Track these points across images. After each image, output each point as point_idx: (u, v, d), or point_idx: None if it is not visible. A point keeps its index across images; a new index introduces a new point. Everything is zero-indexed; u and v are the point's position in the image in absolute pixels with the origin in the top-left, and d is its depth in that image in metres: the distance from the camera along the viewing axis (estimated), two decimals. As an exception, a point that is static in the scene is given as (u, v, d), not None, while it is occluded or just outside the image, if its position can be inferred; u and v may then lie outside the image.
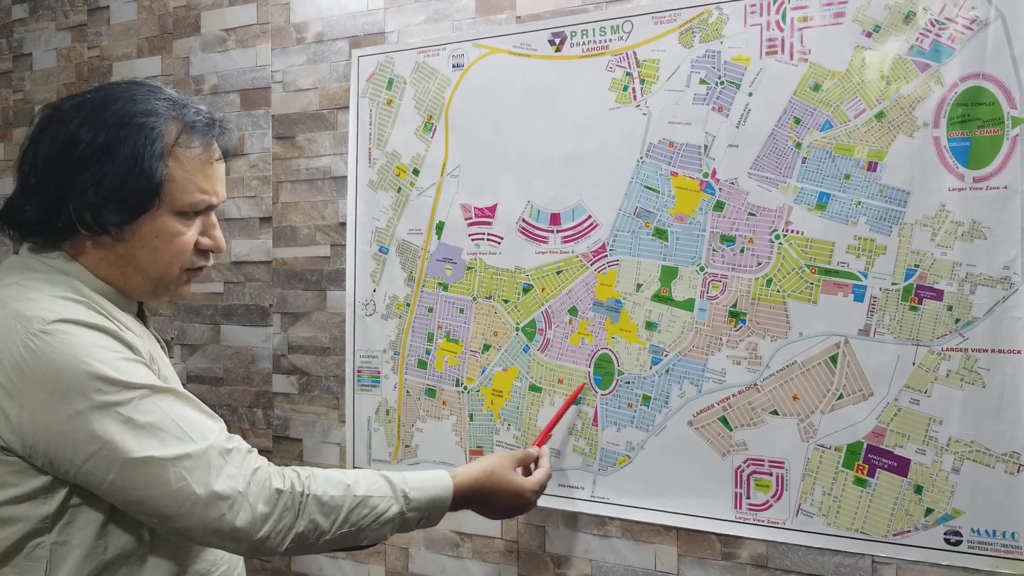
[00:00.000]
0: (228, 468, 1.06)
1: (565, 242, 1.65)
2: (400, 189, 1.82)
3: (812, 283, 1.44)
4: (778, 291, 1.47)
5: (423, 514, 1.23)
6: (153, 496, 1.03)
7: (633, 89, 1.58)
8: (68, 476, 1.04)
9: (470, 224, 1.75)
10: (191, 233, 1.18)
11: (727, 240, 1.51)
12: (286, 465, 1.96)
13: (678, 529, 1.57)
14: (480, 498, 1.33)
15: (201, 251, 1.22)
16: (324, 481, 1.14)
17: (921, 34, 1.36)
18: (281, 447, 2.00)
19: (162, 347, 1.31)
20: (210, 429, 1.09)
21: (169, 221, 1.15)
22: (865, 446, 1.41)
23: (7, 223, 1.15)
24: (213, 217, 1.23)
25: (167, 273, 1.19)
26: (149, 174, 1.11)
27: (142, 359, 1.10)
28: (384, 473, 1.22)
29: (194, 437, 1.06)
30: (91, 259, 1.16)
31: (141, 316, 1.28)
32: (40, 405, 1.01)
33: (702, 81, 1.52)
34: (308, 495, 1.11)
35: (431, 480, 1.26)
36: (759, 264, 1.48)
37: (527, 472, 1.46)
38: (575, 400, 1.63)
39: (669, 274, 1.55)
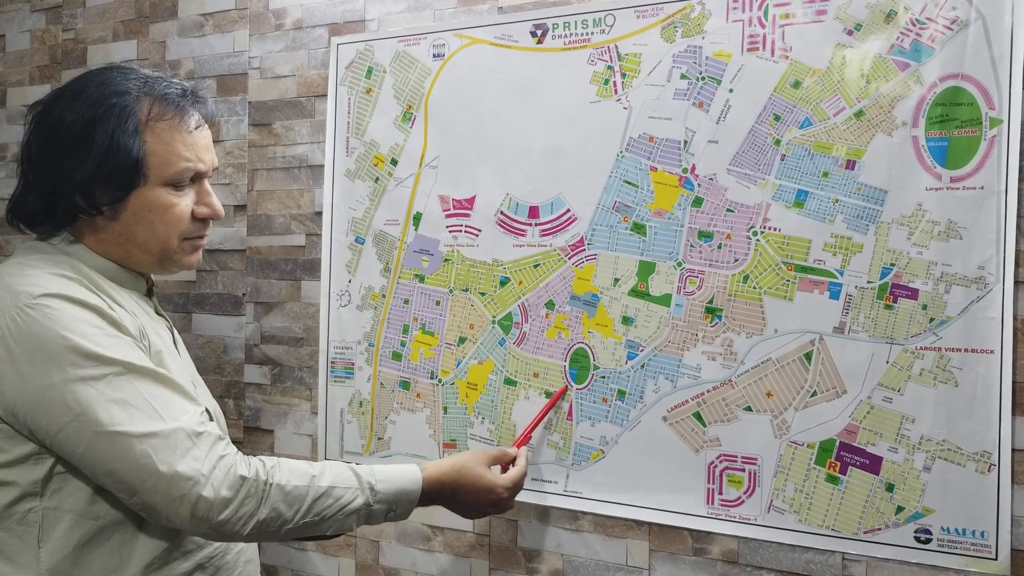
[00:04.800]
0: (195, 451, 1.09)
1: (543, 235, 1.64)
2: (378, 179, 1.81)
3: (788, 280, 1.45)
4: (754, 288, 1.47)
5: (390, 506, 1.25)
6: (120, 470, 1.06)
7: (614, 83, 1.58)
8: (46, 444, 1.09)
9: (448, 216, 1.73)
10: (184, 203, 1.23)
11: (705, 236, 1.50)
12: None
13: (650, 524, 1.57)
14: (450, 492, 1.34)
15: (200, 220, 1.26)
16: (289, 471, 1.16)
17: (902, 33, 1.37)
18: (252, 438, 1.98)
19: (168, 327, 1.34)
20: (184, 411, 1.11)
21: (159, 194, 1.20)
22: (837, 443, 1.42)
23: (15, 216, 1.22)
24: (207, 185, 1.27)
25: (167, 245, 1.23)
26: (127, 150, 1.16)
27: (128, 335, 1.14)
28: (353, 465, 1.24)
29: (165, 416, 1.09)
30: (93, 241, 1.21)
31: (152, 296, 1.34)
32: (21, 375, 1.06)
33: (683, 76, 1.52)
34: (272, 484, 1.13)
35: (399, 473, 1.28)
36: (736, 260, 1.48)
37: (503, 471, 1.46)
38: (556, 403, 1.62)
39: (646, 269, 1.55)
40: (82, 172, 1.15)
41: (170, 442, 1.07)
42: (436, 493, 1.32)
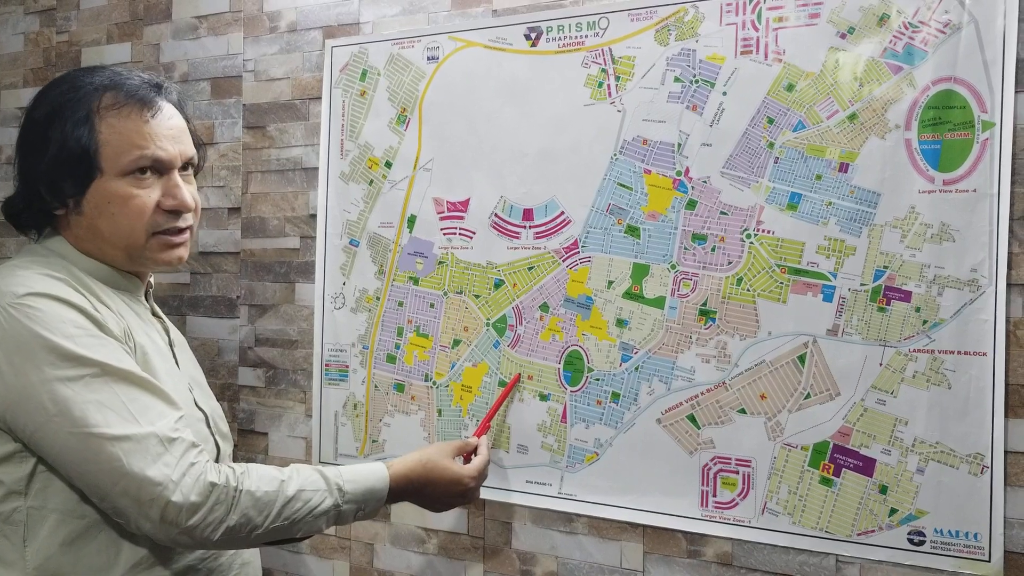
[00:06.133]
0: (166, 456, 1.08)
1: (537, 238, 1.64)
2: (372, 181, 1.81)
3: (782, 283, 1.45)
4: (748, 290, 1.47)
5: (359, 506, 1.25)
6: (91, 471, 1.07)
7: (608, 86, 1.58)
8: (23, 442, 1.09)
9: (442, 218, 1.74)
10: (147, 194, 1.21)
11: (698, 238, 1.51)
12: (250, 460, 1.95)
13: (644, 527, 1.57)
14: (418, 487, 1.35)
15: (170, 213, 1.24)
16: (258, 477, 1.16)
17: (894, 37, 1.37)
18: (246, 441, 1.98)
19: (164, 330, 1.34)
20: (160, 415, 1.11)
21: (118, 185, 1.19)
22: (831, 446, 1.42)
23: (5, 215, 1.26)
24: (176, 176, 1.24)
25: (132, 239, 1.22)
26: (77, 140, 1.17)
27: (111, 337, 1.14)
28: (319, 468, 1.24)
29: (139, 420, 1.09)
30: (72, 237, 1.23)
31: (149, 298, 1.35)
32: (1, 374, 1.07)
33: (677, 79, 1.52)
34: (241, 490, 1.13)
35: (366, 472, 1.28)
36: (730, 263, 1.48)
37: (466, 462, 1.48)
38: (511, 391, 1.64)
39: (640, 271, 1.55)
40: (43, 166, 1.18)
41: (142, 446, 1.07)
42: (404, 489, 1.33)
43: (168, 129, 1.23)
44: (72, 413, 1.06)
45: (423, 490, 1.36)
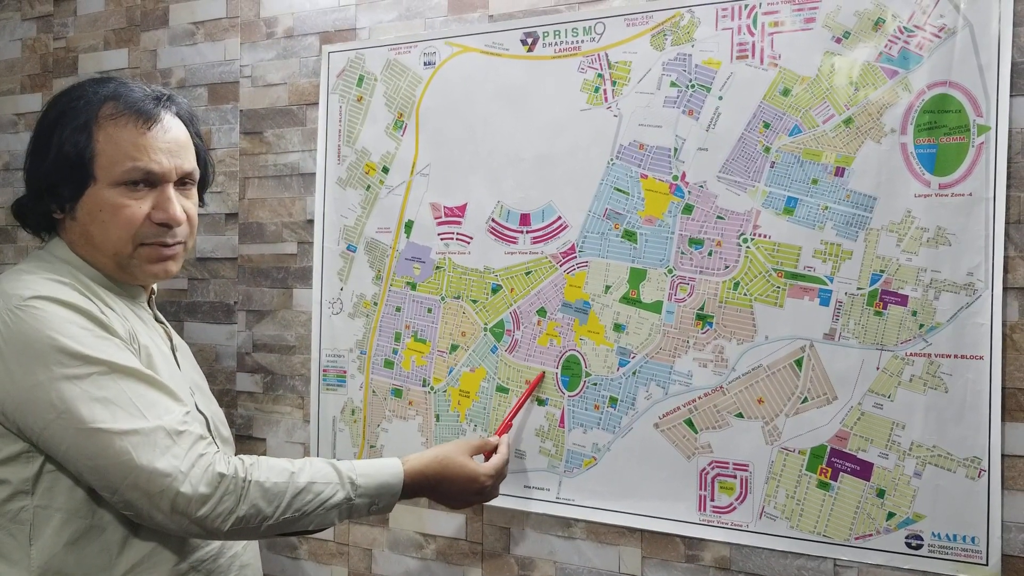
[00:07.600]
0: (175, 449, 1.10)
1: (535, 243, 1.64)
2: (369, 187, 1.81)
3: (779, 287, 1.45)
4: (745, 294, 1.47)
5: (372, 500, 1.25)
6: (101, 466, 1.08)
7: (604, 90, 1.58)
8: (33, 442, 1.11)
9: (439, 223, 1.74)
10: (138, 205, 1.22)
11: (695, 243, 1.51)
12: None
13: (642, 531, 1.57)
14: (433, 483, 1.34)
15: (160, 225, 1.24)
16: (268, 468, 1.17)
17: (890, 41, 1.38)
18: (244, 446, 1.97)
19: (166, 336, 1.36)
20: (167, 410, 1.13)
21: (110, 194, 1.20)
22: (828, 450, 1.42)
23: (14, 216, 1.29)
24: (169, 190, 1.25)
25: (120, 248, 1.23)
26: (74, 146, 1.19)
27: (117, 337, 1.16)
28: (333, 461, 1.25)
29: (146, 415, 1.10)
30: (69, 241, 1.25)
31: (152, 305, 1.38)
32: (10, 374, 1.09)
33: (673, 84, 1.53)
34: (251, 481, 1.14)
35: (380, 467, 1.28)
36: (727, 267, 1.49)
37: (486, 460, 1.47)
38: (535, 389, 1.63)
39: (637, 276, 1.55)
40: (44, 170, 1.21)
41: (150, 440, 1.09)
42: (419, 485, 1.32)
43: (165, 142, 1.23)
44: (79, 410, 1.08)
45: (438, 487, 1.35)
